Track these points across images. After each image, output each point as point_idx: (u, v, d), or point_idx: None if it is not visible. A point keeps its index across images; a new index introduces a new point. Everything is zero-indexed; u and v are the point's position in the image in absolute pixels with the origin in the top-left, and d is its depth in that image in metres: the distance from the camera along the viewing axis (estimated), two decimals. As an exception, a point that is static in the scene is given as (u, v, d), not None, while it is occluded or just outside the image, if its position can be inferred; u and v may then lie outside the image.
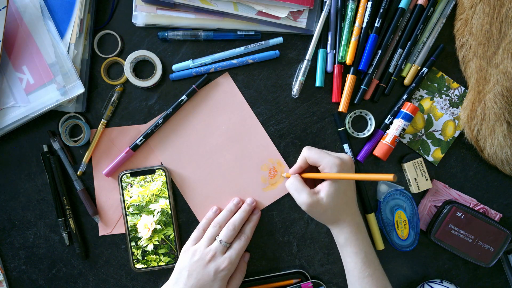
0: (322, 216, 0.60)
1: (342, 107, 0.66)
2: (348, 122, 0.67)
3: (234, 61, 0.66)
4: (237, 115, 0.67)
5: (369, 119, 0.67)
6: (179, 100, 0.65)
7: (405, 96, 0.66)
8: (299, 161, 0.62)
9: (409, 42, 0.66)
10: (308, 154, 0.61)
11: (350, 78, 0.66)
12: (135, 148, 0.65)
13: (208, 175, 0.67)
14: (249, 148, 0.67)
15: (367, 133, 0.67)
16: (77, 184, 0.66)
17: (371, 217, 0.66)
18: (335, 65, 0.66)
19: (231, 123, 0.67)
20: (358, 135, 0.67)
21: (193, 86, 0.65)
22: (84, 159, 0.66)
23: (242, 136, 0.67)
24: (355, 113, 0.67)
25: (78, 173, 0.66)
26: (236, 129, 0.67)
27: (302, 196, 0.59)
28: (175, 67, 0.66)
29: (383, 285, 0.59)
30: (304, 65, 0.66)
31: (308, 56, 0.66)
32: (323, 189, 0.59)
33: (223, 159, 0.67)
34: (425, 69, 0.66)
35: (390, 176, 0.45)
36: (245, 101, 0.67)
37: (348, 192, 0.60)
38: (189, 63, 0.66)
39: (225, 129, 0.67)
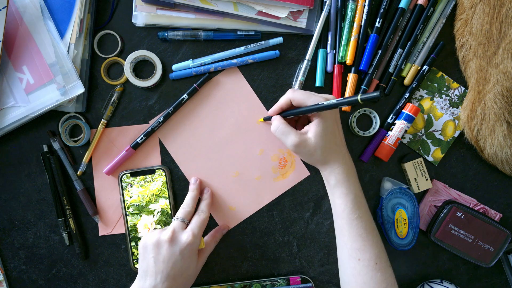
0: (312, 157, 0.59)
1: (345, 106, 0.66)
2: (353, 122, 0.67)
3: (234, 61, 0.66)
4: (245, 106, 0.67)
5: (374, 117, 0.67)
6: (180, 99, 0.65)
7: (406, 95, 0.66)
8: (281, 102, 0.61)
9: (409, 42, 0.66)
10: (293, 95, 0.59)
11: (352, 77, 0.66)
12: (135, 146, 0.65)
13: (218, 166, 0.67)
14: (258, 138, 0.67)
15: (372, 131, 0.67)
16: (77, 184, 0.66)
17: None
18: (335, 65, 0.66)
19: (240, 115, 0.67)
20: (364, 133, 0.67)
21: (194, 85, 0.65)
22: (84, 159, 0.66)
23: (251, 126, 0.67)
24: (359, 112, 0.67)
25: (78, 173, 0.66)
26: (245, 120, 0.67)
27: (290, 138, 0.58)
28: (175, 66, 0.66)
29: (371, 228, 0.59)
30: (304, 65, 0.66)
31: (308, 56, 0.66)
32: (310, 129, 0.58)
33: (233, 150, 0.67)
34: (426, 67, 0.66)
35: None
36: (253, 91, 0.67)
37: (336, 132, 0.60)
38: (189, 63, 0.66)
39: (234, 121, 0.67)
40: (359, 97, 0.48)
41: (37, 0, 0.62)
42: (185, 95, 0.65)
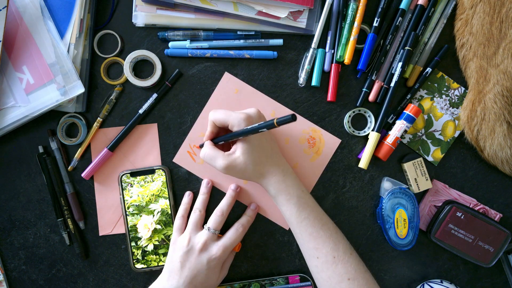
0: (244, 174, 0.59)
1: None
2: (348, 121, 0.67)
3: (231, 52, 0.66)
4: (256, 104, 0.67)
5: (369, 116, 0.67)
6: (152, 98, 0.66)
7: (408, 96, 0.66)
8: (209, 127, 0.61)
9: (409, 41, 0.66)
10: (214, 116, 0.60)
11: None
12: (112, 148, 0.65)
13: None
14: (279, 130, 0.67)
15: (367, 130, 0.67)
16: (68, 188, 0.66)
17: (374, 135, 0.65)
18: (332, 64, 0.66)
19: None
20: (359, 133, 0.67)
21: (166, 82, 0.66)
22: (76, 155, 0.66)
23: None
24: (353, 112, 0.67)
25: (69, 168, 0.66)
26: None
27: (218, 162, 0.58)
28: (171, 44, 0.66)
29: (320, 224, 0.59)
30: (310, 53, 0.66)
31: (314, 44, 0.66)
32: (238, 147, 0.58)
33: None
34: (429, 69, 0.66)
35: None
36: (255, 89, 0.67)
37: (265, 144, 0.59)
38: (186, 43, 0.66)
39: None
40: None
41: (37, 0, 0.62)
42: (155, 94, 0.66)
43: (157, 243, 0.66)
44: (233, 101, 0.67)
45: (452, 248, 0.66)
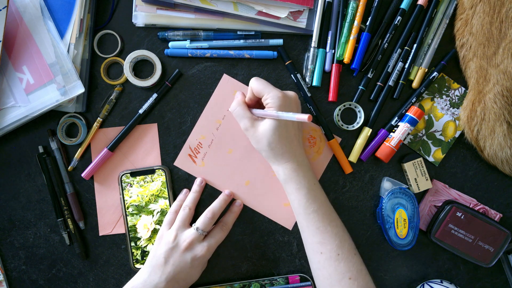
0: (258, 145, 0.59)
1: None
2: (338, 115, 0.67)
3: (231, 52, 0.66)
4: None
5: (359, 111, 0.67)
6: (152, 98, 0.66)
7: (413, 99, 0.66)
8: (249, 92, 0.61)
9: (415, 45, 0.66)
10: (253, 84, 0.60)
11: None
12: (112, 148, 0.65)
13: (254, 165, 0.67)
14: None
15: (356, 125, 0.67)
16: (68, 187, 0.66)
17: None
18: (333, 65, 0.66)
19: None
20: (347, 127, 0.67)
21: (166, 82, 0.66)
22: (76, 155, 0.66)
23: None
24: (344, 106, 0.67)
25: (69, 168, 0.66)
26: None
27: (243, 121, 0.60)
28: (171, 44, 0.66)
29: (329, 220, 0.59)
30: (311, 53, 0.66)
31: (314, 43, 0.66)
32: (266, 119, 0.58)
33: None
34: (436, 74, 0.66)
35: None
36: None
37: (290, 128, 0.59)
38: (186, 43, 0.66)
39: None
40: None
41: (37, 0, 0.62)
42: (155, 94, 0.66)
43: (157, 243, 0.66)
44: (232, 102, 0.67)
45: (452, 248, 0.66)
